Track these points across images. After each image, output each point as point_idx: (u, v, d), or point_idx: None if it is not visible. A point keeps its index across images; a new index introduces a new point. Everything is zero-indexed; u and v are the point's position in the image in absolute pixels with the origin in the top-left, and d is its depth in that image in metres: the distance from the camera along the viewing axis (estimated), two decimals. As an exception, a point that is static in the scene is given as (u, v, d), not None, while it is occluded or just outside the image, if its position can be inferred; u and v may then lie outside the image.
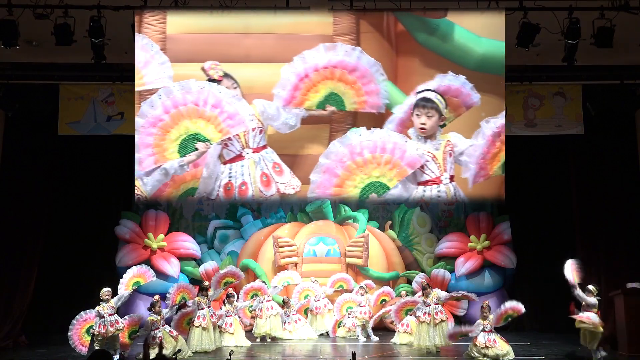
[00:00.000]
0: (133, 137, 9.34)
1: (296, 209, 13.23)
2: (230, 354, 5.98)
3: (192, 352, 9.35)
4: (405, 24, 9.53)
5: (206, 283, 10.32)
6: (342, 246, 12.47)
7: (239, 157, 9.39)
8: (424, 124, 9.10)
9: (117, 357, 8.42)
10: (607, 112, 11.11)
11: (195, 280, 12.30)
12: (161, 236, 12.49)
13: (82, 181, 12.24)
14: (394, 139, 9.17)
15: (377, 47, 9.39)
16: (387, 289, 11.59)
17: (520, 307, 8.77)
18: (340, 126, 9.59)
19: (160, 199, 10.05)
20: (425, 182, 9.28)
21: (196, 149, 9.16)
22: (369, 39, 9.44)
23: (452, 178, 9.35)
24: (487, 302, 9.21)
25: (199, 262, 12.74)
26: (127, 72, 10.06)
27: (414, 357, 9.04)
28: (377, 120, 9.48)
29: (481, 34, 9.36)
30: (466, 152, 9.35)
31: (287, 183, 9.49)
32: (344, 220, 13.07)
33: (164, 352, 8.48)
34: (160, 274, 11.88)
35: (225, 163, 9.46)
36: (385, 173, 9.15)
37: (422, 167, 9.24)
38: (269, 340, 10.73)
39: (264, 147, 9.51)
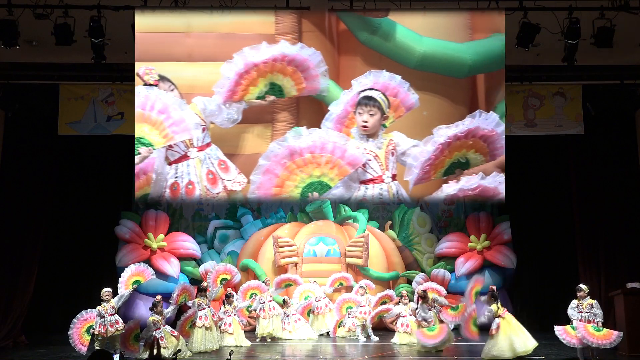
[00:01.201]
0: (133, 137, 9.34)
1: (296, 209, 13.23)
2: (230, 354, 5.99)
3: (197, 352, 9.40)
4: (347, 23, 9.53)
5: (205, 284, 10.38)
6: (342, 246, 12.46)
7: (184, 157, 9.40)
8: (365, 121, 9.03)
9: (117, 356, 8.43)
10: (607, 112, 11.12)
11: (195, 280, 12.32)
12: (161, 236, 12.48)
13: (82, 181, 12.25)
14: (334, 138, 9.12)
15: (319, 46, 9.37)
16: (389, 291, 11.56)
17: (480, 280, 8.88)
18: (282, 125, 9.61)
19: None
20: (367, 181, 9.22)
21: (139, 153, 9.15)
22: (311, 38, 9.45)
23: (394, 177, 9.29)
24: (493, 287, 9.22)
25: (199, 262, 12.74)
26: (127, 72, 10.07)
27: (414, 357, 9.04)
28: (319, 118, 9.49)
29: (423, 33, 9.35)
30: (412, 155, 9.30)
31: (234, 180, 9.49)
32: (344, 220, 13.07)
33: (167, 352, 8.51)
34: (160, 274, 11.89)
35: (171, 164, 9.44)
36: (325, 172, 9.12)
37: (364, 165, 9.19)
38: (269, 340, 10.73)
39: (209, 144, 9.52)
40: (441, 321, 9.43)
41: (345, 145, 9.06)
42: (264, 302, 10.82)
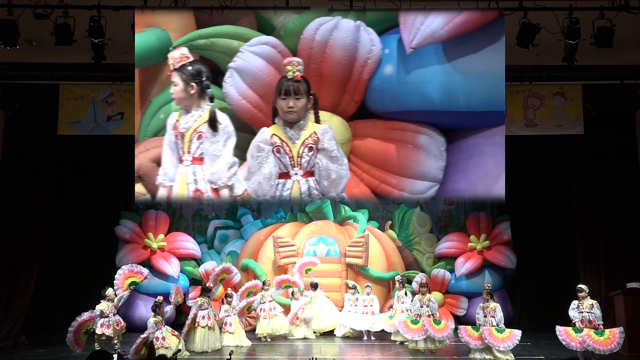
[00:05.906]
0: (133, 137, 9.31)
1: (296, 209, 13.23)
2: (230, 354, 6.00)
3: (198, 352, 9.46)
4: None
5: (210, 284, 10.42)
6: (342, 246, 12.47)
7: None
8: None
9: (116, 356, 8.45)
10: (607, 112, 11.11)
11: (195, 280, 12.32)
12: (161, 236, 12.48)
13: (82, 181, 12.24)
14: None
15: None
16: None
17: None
18: None
19: None
20: None
21: None
22: None
23: None
24: (488, 284, 9.30)
25: (199, 262, 12.74)
26: (127, 72, 10.04)
27: (414, 357, 9.04)
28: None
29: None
30: None
31: None
32: (344, 220, 13.07)
33: (169, 352, 8.54)
34: (160, 274, 11.91)
35: None
36: None
37: None
38: (268, 340, 10.74)
39: None
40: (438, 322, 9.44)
41: None
42: (264, 302, 10.82)
